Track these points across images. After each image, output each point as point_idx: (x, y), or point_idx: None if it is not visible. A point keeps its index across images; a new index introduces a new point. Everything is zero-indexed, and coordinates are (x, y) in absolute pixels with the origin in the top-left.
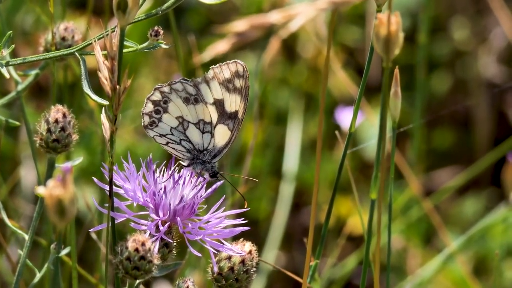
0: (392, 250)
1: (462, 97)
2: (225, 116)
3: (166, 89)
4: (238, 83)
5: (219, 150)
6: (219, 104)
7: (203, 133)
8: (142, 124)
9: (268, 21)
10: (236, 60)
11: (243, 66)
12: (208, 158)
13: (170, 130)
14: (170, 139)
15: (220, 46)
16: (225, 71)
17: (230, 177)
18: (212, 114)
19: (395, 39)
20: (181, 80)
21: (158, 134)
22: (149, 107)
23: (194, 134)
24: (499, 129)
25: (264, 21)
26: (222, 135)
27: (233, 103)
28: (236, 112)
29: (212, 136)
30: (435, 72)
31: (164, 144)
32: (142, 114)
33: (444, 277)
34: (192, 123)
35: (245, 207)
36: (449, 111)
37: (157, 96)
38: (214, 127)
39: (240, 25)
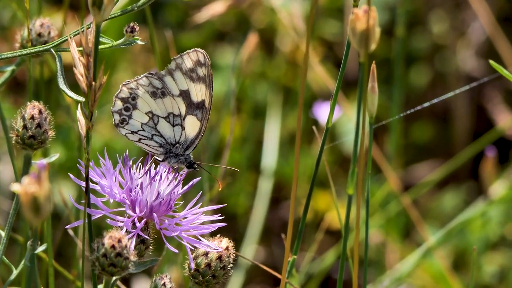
0: (371, 245)
1: (441, 91)
2: (193, 106)
3: (132, 85)
4: (201, 71)
5: (191, 141)
6: (185, 95)
7: (173, 126)
8: (113, 122)
9: None
10: (195, 48)
11: (203, 54)
12: (181, 150)
13: (141, 126)
14: (142, 135)
15: (217, 7)
16: (186, 61)
17: (207, 172)
18: (180, 106)
19: (371, 34)
20: (146, 75)
21: (130, 131)
22: (118, 105)
23: (165, 128)
24: (478, 123)
25: None
26: (192, 126)
27: (199, 92)
28: (203, 101)
29: (183, 128)
30: (414, 66)
31: (137, 141)
32: (112, 112)
33: (423, 271)
34: (162, 117)
35: (220, 189)
36: (429, 105)
37: (124, 93)
38: (184, 119)
39: None
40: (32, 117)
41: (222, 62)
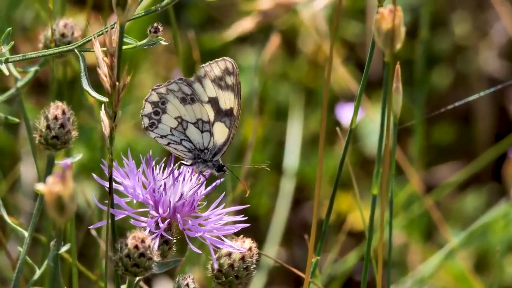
0: (393, 246)
1: (463, 92)
2: (221, 113)
3: (162, 90)
4: (230, 80)
5: (219, 148)
6: (214, 102)
7: (202, 132)
8: (142, 126)
9: (293, 0)
10: (224, 57)
11: (232, 63)
12: (209, 156)
13: (170, 130)
14: (171, 140)
15: (246, 24)
16: (215, 69)
17: (237, 177)
18: (209, 112)
19: (397, 34)
20: (176, 81)
21: (159, 135)
22: (148, 108)
23: (193, 133)
24: (500, 124)
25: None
26: (220, 133)
27: (227, 100)
28: (231, 109)
29: (211, 134)
30: (436, 67)
31: (166, 145)
32: (142, 116)
33: (445, 272)
34: (191, 123)
35: (247, 195)
36: (452, 107)
37: (154, 98)
38: (212, 125)
39: (265, 3)
40: (56, 118)
41: (244, 63)
